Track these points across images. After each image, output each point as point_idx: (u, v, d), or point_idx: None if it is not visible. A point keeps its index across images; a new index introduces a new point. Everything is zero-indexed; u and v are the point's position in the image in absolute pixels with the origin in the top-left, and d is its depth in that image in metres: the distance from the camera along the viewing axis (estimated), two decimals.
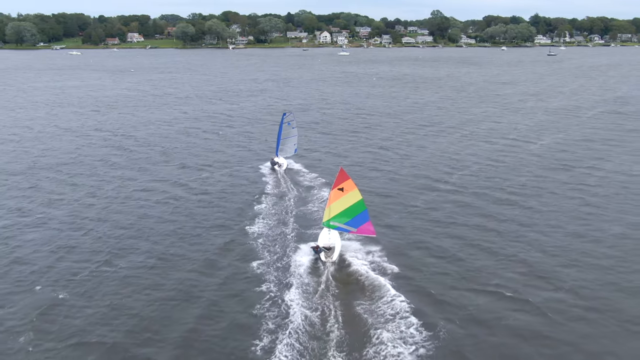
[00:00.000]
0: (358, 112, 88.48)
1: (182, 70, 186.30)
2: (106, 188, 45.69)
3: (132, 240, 34.60)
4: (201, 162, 54.72)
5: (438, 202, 41.84)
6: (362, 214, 31.12)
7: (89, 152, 59.44)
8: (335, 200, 31.06)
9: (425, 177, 48.74)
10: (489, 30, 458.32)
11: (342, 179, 30.89)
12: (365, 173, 50.28)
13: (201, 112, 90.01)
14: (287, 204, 41.63)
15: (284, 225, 36.80)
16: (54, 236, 35.10)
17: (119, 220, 38.01)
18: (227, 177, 49.32)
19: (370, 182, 47.00)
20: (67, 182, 47.82)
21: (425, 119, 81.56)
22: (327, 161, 54.72)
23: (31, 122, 79.89)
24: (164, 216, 39.04)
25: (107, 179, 48.68)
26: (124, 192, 44.41)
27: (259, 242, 33.82)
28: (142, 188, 45.72)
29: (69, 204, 41.63)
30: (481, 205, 41.15)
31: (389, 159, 55.91)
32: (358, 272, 29.72)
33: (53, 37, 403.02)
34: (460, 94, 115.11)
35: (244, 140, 66.20)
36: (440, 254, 32.56)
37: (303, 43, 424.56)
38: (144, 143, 64.39)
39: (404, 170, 51.23)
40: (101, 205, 41.33)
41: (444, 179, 47.82)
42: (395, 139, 65.83)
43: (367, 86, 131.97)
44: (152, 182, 47.54)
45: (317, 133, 70.90)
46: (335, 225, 31.56)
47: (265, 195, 43.68)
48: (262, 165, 52.86)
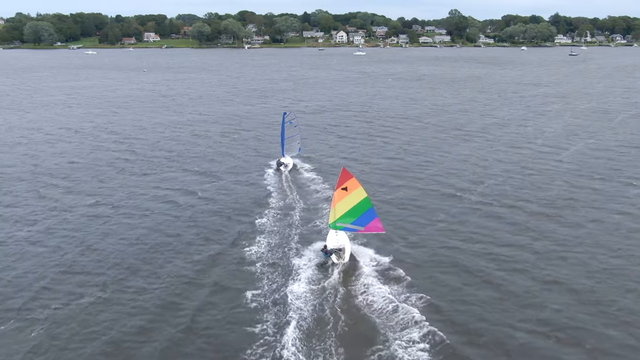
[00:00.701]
0: (376, 114, 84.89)
1: (197, 70, 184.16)
2: (106, 192, 42.90)
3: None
4: (206, 165, 51.98)
5: (463, 215, 38.24)
6: (369, 212, 30.27)
7: (94, 156, 56.82)
8: (340, 201, 30.23)
9: (448, 186, 45.06)
10: (508, 30, 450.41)
11: (345, 179, 30.10)
12: (384, 180, 46.81)
13: (212, 113, 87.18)
14: (293, 206, 39.90)
15: (290, 228, 35.63)
16: (60, 242, 32.40)
17: (121, 220, 35.19)
18: (233, 179, 47.09)
19: (390, 192, 43.55)
20: (70, 188, 45.08)
21: (447, 122, 77.69)
22: (342, 165, 51.20)
23: (37, 124, 77.76)
24: (168, 217, 38.14)
25: (109, 183, 45.89)
26: (128, 193, 41.63)
27: (264, 246, 32.87)
28: (149, 192, 42.88)
29: (71, 210, 38.86)
30: (511, 219, 37.44)
31: (409, 165, 52.30)
32: (371, 285, 27.85)
33: (70, 36, 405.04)
34: (482, 95, 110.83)
35: (253, 143, 63.11)
36: (466, 274, 29.26)
37: (319, 43, 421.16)
38: (151, 146, 61.64)
39: (425, 178, 47.59)
40: (105, 212, 38.49)
41: (470, 189, 44.09)
42: (415, 144, 62.16)
43: (384, 87, 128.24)
44: (159, 182, 44.71)
45: (333, 135, 67.56)
46: (342, 226, 30.79)
47: (270, 198, 41.99)
48: (268, 167, 51.56)
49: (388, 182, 46.53)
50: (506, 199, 41.83)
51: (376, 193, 43.41)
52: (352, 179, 30.10)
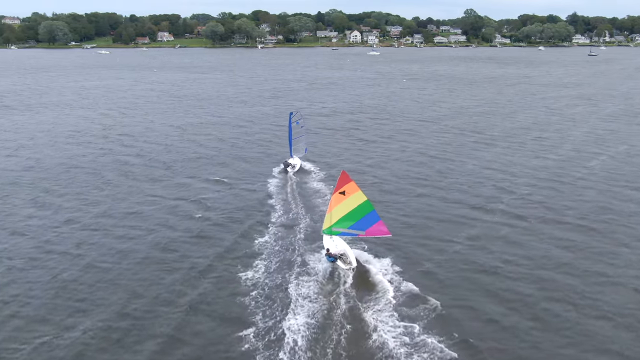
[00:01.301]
0: (391, 117, 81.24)
1: (208, 70, 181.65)
2: (101, 200, 39.92)
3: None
4: (212, 169, 48.71)
5: (490, 229, 34.57)
6: (370, 215, 28.55)
7: (94, 161, 53.92)
8: (337, 205, 28.87)
9: (472, 196, 41.30)
10: (524, 30, 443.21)
11: (344, 182, 28.64)
12: (401, 189, 43.16)
13: (221, 115, 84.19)
14: (296, 210, 37.88)
15: (292, 233, 34.22)
16: (53, 257, 29.35)
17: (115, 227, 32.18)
18: (238, 183, 43.61)
19: (407, 202, 39.95)
20: (66, 195, 42.16)
21: (466, 125, 73.82)
22: (354, 170, 47.83)
23: (42, 126, 75.33)
24: (168, 221, 36.27)
25: (106, 190, 42.91)
26: (123, 201, 38.59)
27: (266, 250, 31.57)
28: (147, 200, 39.79)
29: (64, 220, 35.93)
30: (544, 235, 33.70)
31: (428, 172, 48.62)
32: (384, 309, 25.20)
33: (85, 36, 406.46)
34: (501, 96, 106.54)
35: (260, 147, 59.76)
36: (496, 298, 26.02)
37: (333, 42, 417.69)
38: (155, 150, 58.66)
39: (446, 187, 43.88)
40: (93, 222, 35.47)
41: (496, 200, 40.31)
42: (433, 149, 58.42)
43: (399, 88, 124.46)
44: (160, 190, 41.64)
45: (346, 139, 64.08)
46: (338, 231, 29.36)
47: (274, 205, 39.73)
48: (275, 169, 49.95)
49: (405, 191, 42.93)
50: (537, 211, 38.07)
51: (392, 203, 40.00)
52: (350, 183, 28.51)
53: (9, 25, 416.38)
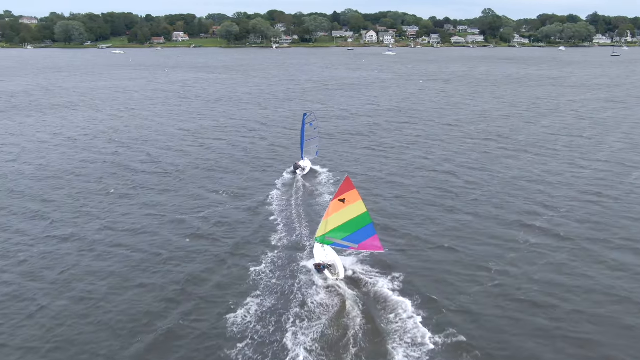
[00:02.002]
0: (409, 120, 76.67)
1: (221, 70, 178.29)
2: (81, 220, 36.18)
3: None
4: (218, 175, 44.76)
5: (524, 260, 29.80)
6: (366, 228, 27.04)
7: (94, 168, 50.28)
8: (334, 213, 27.22)
9: (501, 218, 36.44)
10: (544, 30, 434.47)
11: (346, 189, 26.95)
12: (421, 206, 38.71)
13: (230, 117, 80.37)
14: (300, 231, 34.13)
15: (290, 241, 32.35)
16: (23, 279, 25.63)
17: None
18: (242, 192, 39.70)
19: (429, 223, 35.45)
20: (39, 211, 38.45)
21: (489, 130, 69.05)
22: (366, 180, 43.64)
23: (42, 129, 72.24)
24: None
25: (90, 205, 39.19)
26: (107, 220, 34.81)
27: (260, 257, 30.20)
28: (132, 219, 35.92)
29: (29, 241, 32.21)
30: (593, 268, 29.02)
31: (451, 186, 44.03)
32: None
33: (101, 36, 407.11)
34: (526, 99, 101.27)
35: (268, 153, 55.65)
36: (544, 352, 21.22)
37: (348, 42, 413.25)
38: (154, 157, 54.90)
39: (470, 205, 39.03)
40: (71, 247, 31.68)
41: (529, 222, 35.42)
42: (456, 157, 53.73)
43: (416, 89, 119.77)
44: (152, 206, 37.79)
45: (360, 144, 59.75)
46: (331, 241, 27.74)
47: (279, 218, 36.79)
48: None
49: (428, 205, 38.54)
50: (582, 230, 33.45)
51: (413, 219, 35.66)
52: (352, 191, 26.90)
53: (26, 25, 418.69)
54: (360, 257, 29.48)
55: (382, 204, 39.39)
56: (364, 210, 26.95)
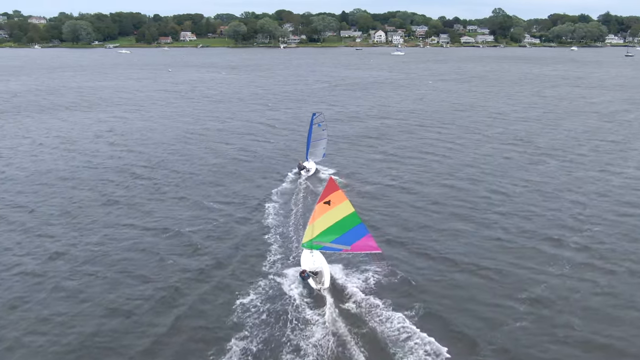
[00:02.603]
0: (420, 123, 72.80)
1: (227, 70, 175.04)
2: (71, 234, 32.73)
3: None
4: (215, 184, 41.31)
5: (564, 293, 25.63)
6: (357, 228, 25.45)
7: (82, 175, 46.96)
8: (320, 216, 25.89)
9: (531, 235, 32.31)
10: (555, 29, 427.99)
11: (330, 191, 25.86)
12: (437, 221, 34.92)
13: (233, 119, 76.92)
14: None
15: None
16: None
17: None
18: (239, 204, 36.45)
19: (446, 241, 31.65)
20: (25, 225, 35.10)
21: (507, 134, 65.05)
22: (377, 188, 40.00)
23: (33, 131, 69.08)
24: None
25: (81, 218, 35.76)
26: (98, 233, 31.35)
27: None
28: (127, 234, 32.48)
29: (18, 259, 28.86)
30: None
31: (469, 197, 40.14)
32: None
33: (108, 35, 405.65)
34: (542, 100, 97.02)
35: (271, 159, 52.12)
36: None
37: (357, 42, 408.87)
38: (152, 164, 51.49)
39: (494, 219, 35.22)
40: (58, 266, 28.28)
41: (564, 241, 31.31)
42: (474, 164, 49.76)
43: (427, 90, 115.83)
44: (147, 219, 34.36)
45: (368, 149, 56.06)
46: (320, 245, 26.30)
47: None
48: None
49: (444, 222, 34.73)
50: (626, 255, 29.43)
51: (426, 238, 31.83)
52: (337, 192, 25.72)
53: (34, 25, 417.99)
54: (359, 267, 27.50)
55: (395, 215, 35.77)
56: (351, 211, 25.47)
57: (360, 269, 27.30)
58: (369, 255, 26.45)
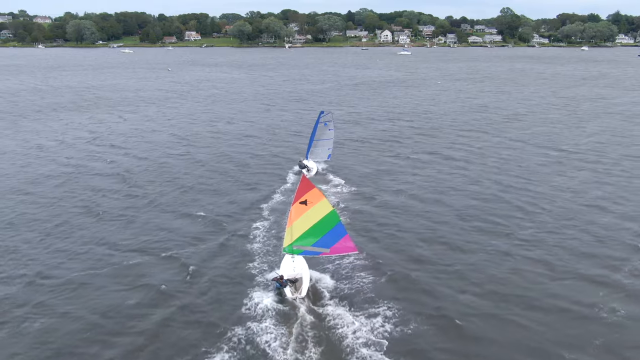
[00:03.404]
0: (433, 125, 67.94)
1: (229, 69, 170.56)
2: (48, 255, 28.17)
3: None
4: (207, 197, 36.74)
5: (626, 353, 21.20)
6: (336, 229, 24.15)
7: (56, 184, 42.46)
8: (298, 218, 24.45)
9: (572, 267, 27.50)
10: (564, 29, 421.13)
11: (305, 190, 24.25)
12: (461, 238, 30.17)
13: (233, 122, 72.37)
14: None
15: None
16: None
17: None
18: (230, 219, 31.85)
19: (464, 272, 26.92)
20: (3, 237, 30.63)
21: (528, 137, 60.04)
22: (387, 200, 35.26)
23: (16, 134, 64.71)
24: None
25: (63, 232, 31.21)
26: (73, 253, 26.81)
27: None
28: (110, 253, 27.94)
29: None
30: None
31: (495, 209, 35.32)
32: None
33: (112, 35, 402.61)
34: (560, 100, 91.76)
35: (272, 164, 47.48)
36: None
37: (363, 42, 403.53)
38: (141, 169, 46.91)
39: (524, 245, 30.10)
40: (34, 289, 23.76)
41: (614, 273, 26.67)
42: (495, 175, 44.66)
43: (436, 90, 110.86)
44: (132, 235, 29.83)
45: (378, 153, 51.22)
46: (300, 250, 24.85)
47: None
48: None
49: (469, 243, 29.85)
50: None
51: (443, 268, 27.06)
52: (313, 190, 24.24)
53: (39, 24, 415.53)
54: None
55: (406, 234, 31.02)
56: (330, 209, 24.08)
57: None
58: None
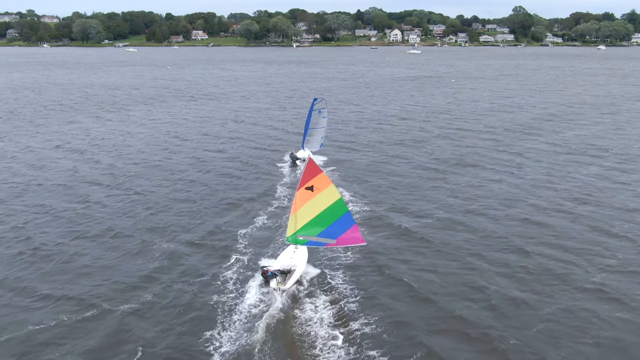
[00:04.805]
0: (455, 126, 60.80)
1: (231, 67, 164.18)
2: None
3: None
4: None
5: None
6: (343, 218, 22.04)
7: (32, 193, 35.81)
8: (303, 205, 22.24)
9: None
10: (578, 28, 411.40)
11: (312, 174, 21.94)
12: (487, 281, 23.19)
13: (231, 123, 65.68)
14: None
15: None
16: None
17: None
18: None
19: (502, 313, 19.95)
20: None
21: (569, 140, 52.86)
22: (408, 215, 28.27)
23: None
24: None
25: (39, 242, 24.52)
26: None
27: None
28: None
29: None
30: None
31: (542, 250, 28.32)
32: None
33: (119, 34, 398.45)
34: (597, 99, 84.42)
35: (261, 178, 40.65)
36: None
37: (372, 42, 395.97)
38: (127, 173, 40.17)
39: (588, 284, 23.53)
40: None
41: None
42: (549, 179, 37.70)
43: (453, 89, 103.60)
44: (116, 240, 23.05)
45: (396, 159, 44.14)
46: (305, 240, 22.76)
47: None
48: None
49: (511, 284, 22.91)
50: None
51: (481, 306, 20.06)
52: (320, 175, 21.97)
53: (45, 23, 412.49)
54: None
55: (425, 257, 23.94)
56: (337, 197, 22.43)
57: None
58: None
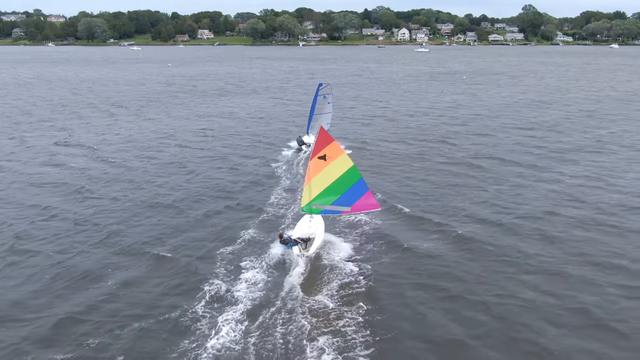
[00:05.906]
0: (482, 125, 56.34)
1: (232, 66, 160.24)
2: None
3: None
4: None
5: None
6: (357, 185, 21.91)
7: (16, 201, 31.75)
8: (317, 174, 22.01)
9: None
10: (589, 27, 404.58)
11: (324, 143, 21.74)
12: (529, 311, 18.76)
13: (229, 123, 61.49)
14: None
15: None
16: None
17: None
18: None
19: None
20: None
21: (604, 139, 48.38)
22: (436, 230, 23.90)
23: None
24: None
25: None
26: None
27: None
28: None
29: None
30: None
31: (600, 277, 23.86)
32: None
33: (125, 33, 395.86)
34: (628, 95, 79.73)
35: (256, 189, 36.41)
36: None
37: (379, 40, 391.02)
38: (112, 174, 36.00)
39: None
40: None
41: None
42: (581, 189, 33.30)
43: (467, 86, 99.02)
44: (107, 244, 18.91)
45: (410, 159, 39.74)
46: (320, 209, 22.46)
47: None
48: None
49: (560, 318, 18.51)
50: None
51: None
52: (332, 144, 21.76)
53: (51, 22, 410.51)
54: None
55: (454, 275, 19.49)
56: (350, 165, 21.75)
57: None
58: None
